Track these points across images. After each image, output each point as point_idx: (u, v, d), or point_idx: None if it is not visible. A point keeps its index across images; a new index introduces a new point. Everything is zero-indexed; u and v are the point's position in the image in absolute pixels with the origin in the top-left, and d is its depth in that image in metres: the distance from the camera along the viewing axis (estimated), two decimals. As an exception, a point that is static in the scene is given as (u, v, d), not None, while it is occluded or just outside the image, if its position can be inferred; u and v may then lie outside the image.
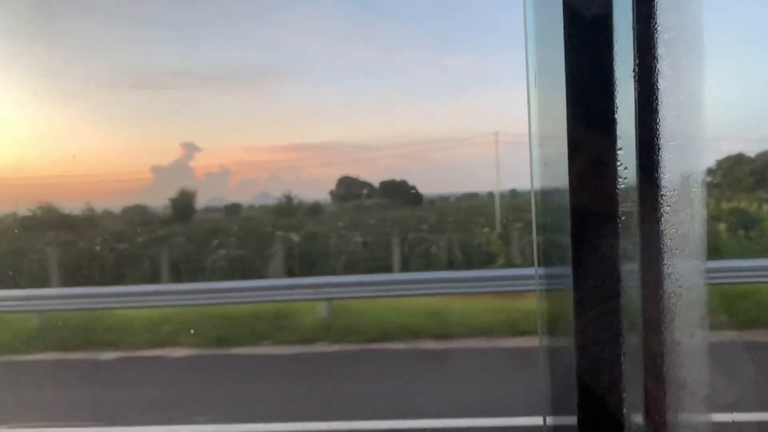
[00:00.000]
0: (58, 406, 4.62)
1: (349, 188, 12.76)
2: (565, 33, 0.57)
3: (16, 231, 9.17)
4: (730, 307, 5.54)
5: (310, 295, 6.72)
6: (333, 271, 9.25)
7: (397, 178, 12.84)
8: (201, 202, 11.24)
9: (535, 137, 0.71)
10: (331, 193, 12.42)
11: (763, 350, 5.13)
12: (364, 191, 12.93)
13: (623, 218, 0.59)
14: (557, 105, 0.59)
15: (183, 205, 10.78)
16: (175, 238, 10.33)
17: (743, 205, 10.10)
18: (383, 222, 11.37)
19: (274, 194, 12.15)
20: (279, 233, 10.41)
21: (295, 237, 10.20)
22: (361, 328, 6.25)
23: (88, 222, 10.17)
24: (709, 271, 0.68)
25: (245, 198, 11.66)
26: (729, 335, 4.94)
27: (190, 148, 10.75)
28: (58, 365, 5.93)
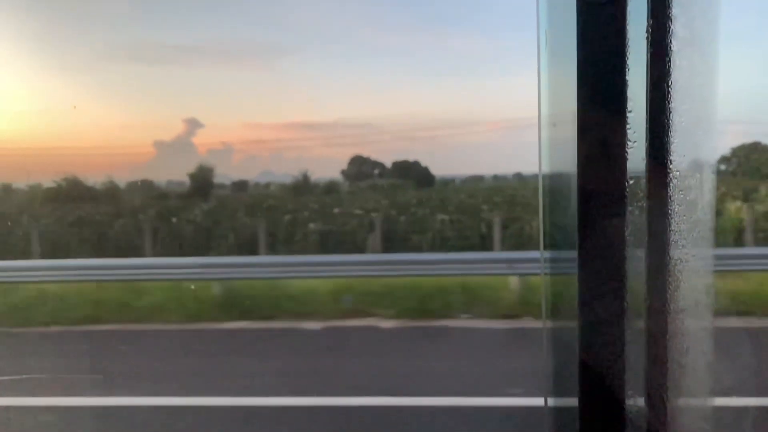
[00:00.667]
0: (302, 378, 4.45)
1: (360, 168, 12.74)
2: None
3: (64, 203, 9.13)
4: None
5: (502, 270, 6.50)
6: (420, 248, 9.10)
7: (410, 158, 12.82)
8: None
9: (544, 115, 0.69)
10: (343, 172, 12.38)
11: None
12: (376, 171, 12.92)
13: (631, 201, 0.58)
14: (568, 71, 0.57)
15: (201, 180, 10.79)
16: (237, 212, 10.26)
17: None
18: (427, 201, 11.24)
19: (276, 172, 12.13)
20: (355, 210, 10.35)
21: (374, 214, 10.12)
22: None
23: (112, 195, 10.12)
24: (718, 257, 0.67)
25: (247, 175, 11.63)
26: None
27: (193, 124, 10.73)
28: (262, 334, 5.73)
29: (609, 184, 0.58)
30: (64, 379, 4.31)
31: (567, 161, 0.61)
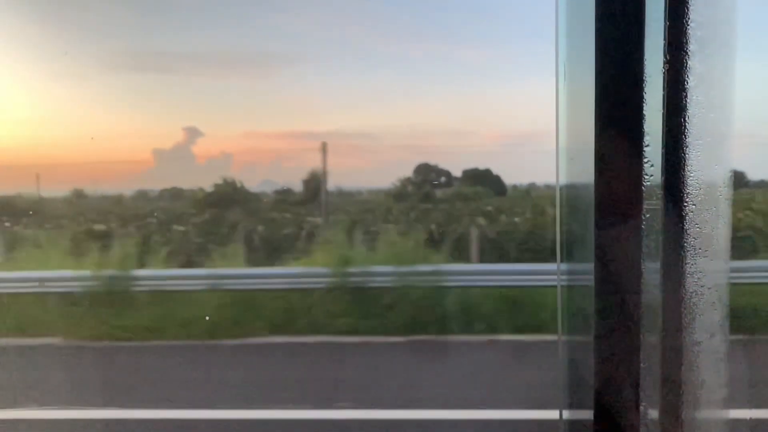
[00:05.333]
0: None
1: (427, 176, 12.73)
2: (596, 27, 0.56)
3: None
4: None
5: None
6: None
7: (481, 166, 12.67)
8: (207, 186, 11.20)
9: (562, 132, 0.71)
10: (409, 180, 12.32)
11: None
12: (443, 179, 12.85)
13: (647, 216, 0.59)
14: (586, 100, 0.59)
15: (313, 187, 10.83)
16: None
17: None
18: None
19: (276, 180, 12.09)
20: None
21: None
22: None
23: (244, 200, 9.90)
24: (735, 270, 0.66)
25: (249, 184, 11.58)
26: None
27: (193, 133, 10.78)
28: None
29: (626, 199, 0.59)
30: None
31: (584, 173, 0.62)
